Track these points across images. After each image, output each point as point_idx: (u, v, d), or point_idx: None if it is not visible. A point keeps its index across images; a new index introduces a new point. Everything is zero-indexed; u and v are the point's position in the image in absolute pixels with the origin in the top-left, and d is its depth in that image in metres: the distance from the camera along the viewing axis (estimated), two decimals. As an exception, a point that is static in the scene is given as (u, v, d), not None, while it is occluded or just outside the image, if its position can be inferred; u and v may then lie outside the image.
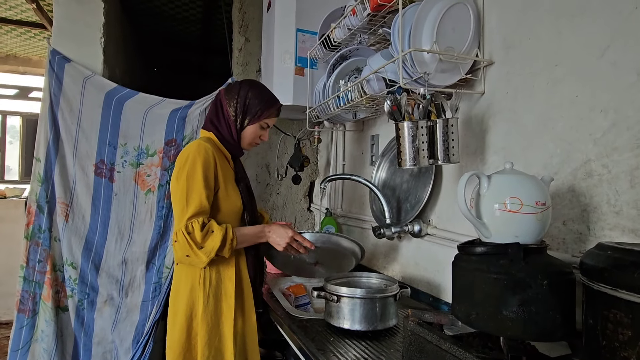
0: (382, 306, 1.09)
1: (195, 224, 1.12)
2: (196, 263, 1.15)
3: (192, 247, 1.12)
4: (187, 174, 1.16)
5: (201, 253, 1.12)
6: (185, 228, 1.12)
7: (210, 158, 1.19)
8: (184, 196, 1.15)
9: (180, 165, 1.19)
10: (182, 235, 1.12)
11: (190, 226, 1.12)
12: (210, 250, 1.13)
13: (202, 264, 1.15)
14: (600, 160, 0.85)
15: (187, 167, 1.17)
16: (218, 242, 1.12)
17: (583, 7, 0.89)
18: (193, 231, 1.12)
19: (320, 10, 1.72)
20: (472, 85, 1.19)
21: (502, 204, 0.77)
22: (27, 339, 1.77)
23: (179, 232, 1.12)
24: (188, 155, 1.18)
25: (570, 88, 0.92)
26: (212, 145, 1.24)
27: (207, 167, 1.18)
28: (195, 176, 1.16)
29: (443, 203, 1.34)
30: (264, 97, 1.30)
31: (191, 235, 1.12)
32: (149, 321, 1.81)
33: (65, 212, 1.83)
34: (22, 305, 1.78)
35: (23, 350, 1.77)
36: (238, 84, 1.32)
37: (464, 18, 1.11)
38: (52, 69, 1.85)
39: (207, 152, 1.19)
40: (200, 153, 1.18)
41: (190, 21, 3.28)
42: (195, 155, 1.17)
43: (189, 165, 1.17)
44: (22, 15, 3.28)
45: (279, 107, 1.34)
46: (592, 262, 0.63)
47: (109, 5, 2.09)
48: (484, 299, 0.73)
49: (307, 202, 2.47)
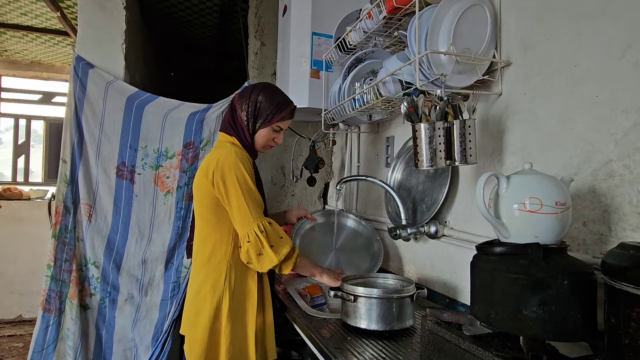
0: (398, 306, 1.10)
1: (266, 224, 1.17)
2: (265, 263, 1.18)
3: (264, 246, 1.16)
4: (238, 179, 1.19)
5: (272, 252, 1.16)
6: (258, 227, 1.16)
7: (247, 162, 1.24)
8: (242, 200, 1.17)
9: (225, 171, 1.19)
10: (254, 235, 1.16)
11: (261, 225, 1.16)
12: (280, 251, 1.17)
13: (272, 264, 1.17)
14: (621, 161, 0.84)
15: (234, 172, 1.19)
16: (288, 248, 1.18)
17: (603, 7, 0.89)
18: (265, 230, 1.17)
19: (335, 13, 1.74)
20: (490, 87, 1.19)
21: (521, 204, 0.77)
22: (54, 338, 1.82)
23: (251, 232, 1.16)
24: (231, 162, 1.20)
25: (590, 88, 0.91)
26: (242, 150, 1.27)
27: (249, 170, 1.22)
28: (247, 179, 1.20)
29: (460, 204, 1.34)
30: (276, 101, 1.30)
31: (264, 234, 1.16)
32: (168, 320, 1.86)
33: (88, 212, 1.89)
34: (48, 304, 1.81)
35: (49, 349, 1.80)
36: (250, 87, 1.33)
37: (481, 19, 1.12)
38: (77, 74, 1.92)
39: (244, 157, 1.24)
40: (240, 158, 1.21)
41: (207, 26, 3.35)
42: (237, 161, 1.20)
43: (236, 170, 1.19)
44: (47, 24, 3.40)
45: (292, 110, 1.34)
46: (614, 262, 0.63)
47: (130, 13, 2.16)
48: (503, 298, 0.73)
49: (322, 203, 2.49)
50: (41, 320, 1.81)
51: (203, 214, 1.27)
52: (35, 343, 1.80)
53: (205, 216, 1.26)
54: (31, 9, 3.09)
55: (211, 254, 1.24)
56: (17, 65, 4.44)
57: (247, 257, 1.19)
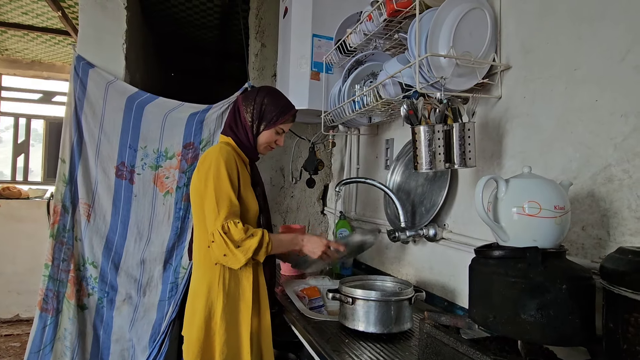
0: (397, 309, 1.10)
1: (230, 224, 1.15)
2: (233, 263, 1.16)
3: (229, 246, 1.13)
4: (213, 177, 1.19)
5: (238, 252, 1.14)
6: (222, 228, 1.14)
7: (231, 161, 1.23)
8: (213, 198, 1.17)
9: (205, 169, 1.21)
10: (218, 235, 1.14)
11: (226, 226, 1.14)
12: (247, 249, 1.14)
13: (240, 263, 1.16)
14: (620, 165, 0.84)
15: (212, 170, 1.20)
16: (255, 243, 1.15)
17: (603, 11, 0.89)
18: (229, 230, 1.14)
19: (336, 16, 1.74)
20: (489, 90, 1.19)
21: (520, 208, 0.77)
22: (51, 338, 1.81)
23: (215, 232, 1.14)
24: (212, 159, 1.21)
25: (589, 92, 0.91)
26: (232, 149, 1.28)
27: (230, 169, 1.21)
28: (221, 178, 1.19)
29: (459, 207, 1.34)
30: (280, 104, 1.34)
31: (228, 235, 1.14)
32: (166, 320, 1.85)
33: (87, 212, 1.89)
34: (46, 304, 1.81)
35: (46, 350, 1.79)
36: (255, 90, 1.36)
37: (481, 23, 1.12)
38: (77, 74, 1.92)
39: (229, 155, 1.23)
40: (223, 155, 1.21)
41: (207, 27, 3.35)
42: (219, 158, 1.21)
43: (214, 168, 1.20)
44: (48, 23, 3.40)
45: (294, 113, 1.37)
46: (613, 266, 0.63)
47: (131, 13, 2.16)
48: (501, 302, 0.73)
49: (321, 205, 2.49)
50: (38, 320, 1.80)
51: (197, 213, 1.27)
52: (32, 343, 1.79)
53: (199, 216, 1.26)
54: (32, 8, 3.09)
55: (206, 254, 1.24)
56: (17, 64, 4.44)
57: (215, 258, 1.18)
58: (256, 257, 1.17)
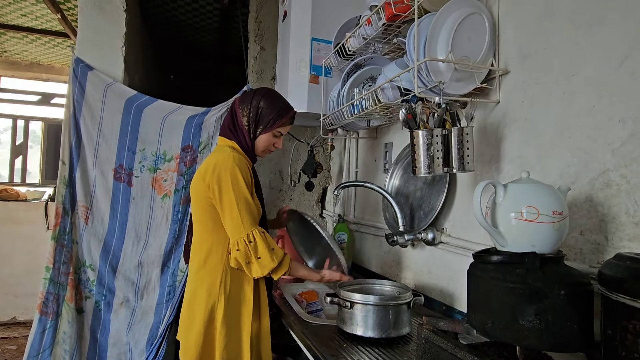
0: (395, 314, 1.09)
1: (256, 233, 1.18)
2: (253, 272, 1.20)
3: (251, 257, 1.17)
4: (232, 185, 1.18)
5: (257, 264, 1.18)
6: (247, 237, 1.17)
7: (245, 167, 1.23)
8: (234, 206, 1.17)
9: (220, 176, 1.19)
10: (244, 244, 1.16)
11: (251, 235, 1.17)
12: (265, 266, 1.18)
13: (257, 275, 1.19)
14: (618, 171, 0.84)
15: (229, 177, 1.19)
16: (275, 263, 1.18)
17: (601, 17, 0.89)
18: (255, 240, 1.17)
19: (335, 19, 1.74)
20: (488, 94, 1.20)
21: (518, 213, 0.77)
22: (50, 342, 1.79)
23: (240, 241, 1.17)
24: (227, 166, 1.20)
25: (587, 98, 0.92)
26: (241, 155, 1.27)
27: (246, 175, 1.22)
28: (240, 185, 1.19)
29: (457, 211, 1.34)
30: (277, 106, 1.31)
31: (252, 245, 1.17)
32: (163, 324, 1.84)
33: (85, 214, 1.88)
34: (45, 307, 1.78)
35: (44, 354, 1.77)
36: (252, 93, 1.34)
37: (480, 28, 1.12)
38: (76, 76, 1.91)
39: (242, 162, 1.23)
40: (237, 163, 1.21)
41: (206, 30, 3.36)
42: (234, 166, 1.20)
43: (231, 176, 1.19)
44: (47, 25, 3.41)
45: (292, 115, 1.35)
46: (611, 273, 0.63)
47: (130, 16, 2.16)
48: (500, 307, 0.73)
49: (320, 208, 2.49)
50: (38, 324, 1.78)
51: (200, 217, 1.26)
52: (30, 347, 1.76)
53: (202, 220, 1.26)
54: (32, 10, 3.09)
55: (207, 258, 1.24)
56: (16, 66, 4.44)
57: (236, 264, 1.20)
58: (272, 275, 1.21)
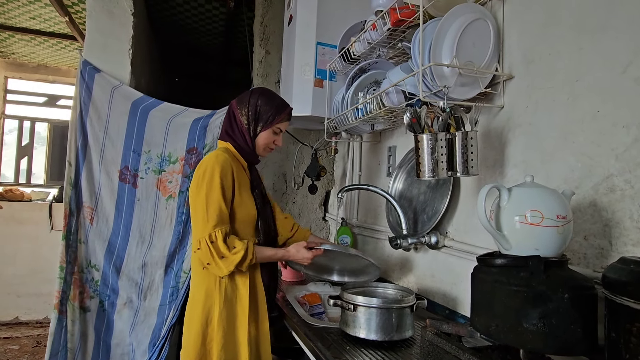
0: (398, 316, 1.10)
1: (218, 233, 1.16)
2: (216, 272, 1.20)
3: (213, 256, 1.16)
4: (206, 184, 1.19)
5: (222, 263, 1.17)
6: (209, 237, 1.16)
7: (227, 167, 1.23)
8: (204, 206, 1.18)
9: (199, 176, 1.22)
10: (205, 243, 1.16)
11: (213, 235, 1.16)
12: (230, 262, 1.17)
13: (222, 273, 1.19)
14: (622, 176, 0.85)
15: (206, 177, 1.20)
16: (238, 258, 1.17)
17: (605, 24, 0.90)
18: (216, 240, 1.16)
19: (340, 24, 1.76)
20: (492, 99, 1.20)
21: (522, 217, 0.77)
22: (65, 340, 1.83)
23: (202, 240, 1.16)
24: (207, 166, 1.22)
25: (591, 103, 0.92)
26: (230, 155, 1.28)
27: (225, 176, 1.22)
28: (213, 186, 1.19)
29: (461, 215, 1.34)
30: (275, 103, 1.33)
31: (214, 245, 1.16)
32: (166, 325, 1.85)
33: (90, 215, 1.90)
34: (62, 306, 1.82)
35: (62, 352, 1.81)
36: (248, 93, 1.36)
37: (484, 33, 1.13)
38: (83, 78, 1.94)
39: (225, 162, 1.23)
40: (218, 163, 1.22)
41: (212, 34, 3.39)
42: (214, 166, 1.21)
43: (207, 175, 1.20)
44: (55, 28, 3.44)
45: (290, 111, 1.38)
46: (615, 276, 0.63)
47: (137, 19, 2.19)
48: (504, 311, 0.73)
49: (323, 211, 2.49)
50: (57, 323, 1.81)
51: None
52: (52, 346, 1.80)
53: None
54: (40, 13, 3.13)
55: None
56: (23, 67, 4.48)
57: (200, 263, 1.21)
58: (239, 268, 1.19)
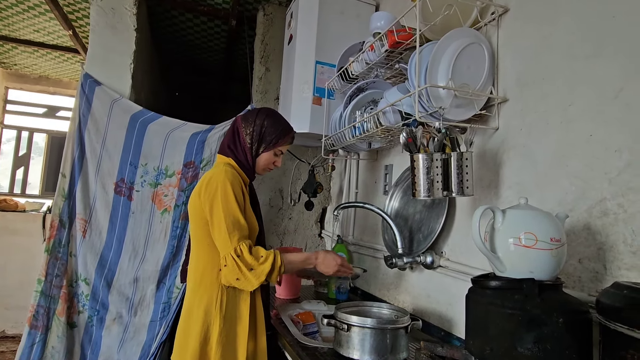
0: (393, 337, 1.08)
1: (243, 246, 1.15)
2: (245, 286, 1.17)
3: (242, 270, 1.14)
4: (222, 201, 1.19)
5: (251, 275, 1.14)
6: (234, 251, 1.14)
7: (237, 183, 1.24)
8: (223, 221, 1.17)
9: (212, 192, 1.20)
10: (231, 259, 1.14)
11: (238, 249, 1.15)
12: (260, 273, 1.15)
13: (252, 287, 1.16)
14: (615, 200, 0.85)
15: (220, 193, 1.19)
16: (268, 267, 1.15)
17: (597, 50, 0.92)
18: (242, 254, 1.15)
19: (338, 44, 1.80)
20: (487, 121, 1.22)
21: (516, 239, 0.77)
22: (39, 357, 1.75)
23: (228, 256, 1.15)
24: (218, 182, 1.21)
25: (584, 127, 0.94)
26: (235, 171, 1.28)
27: (237, 191, 1.22)
28: (229, 201, 1.19)
29: (456, 235, 1.34)
30: (280, 126, 1.35)
31: (241, 258, 1.14)
32: (156, 342, 1.81)
33: (83, 227, 1.88)
34: (35, 321, 1.76)
35: None
36: (255, 112, 1.37)
37: (479, 57, 1.16)
38: (83, 91, 1.95)
39: (234, 178, 1.24)
40: (228, 178, 1.22)
41: (214, 51, 3.44)
42: (225, 180, 1.21)
43: (221, 192, 1.20)
44: (58, 41, 3.49)
45: (293, 135, 1.40)
46: (609, 301, 0.63)
47: (140, 35, 2.22)
48: (498, 334, 0.73)
49: (319, 228, 2.48)
50: (27, 338, 1.75)
51: (196, 234, 1.26)
52: None
53: (198, 237, 1.26)
54: (44, 26, 3.18)
55: (203, 276, 1.23)
56: (24, 78, 4.52)
57: (226, 281, 1.19)
58: (269, 279, 1.17)
